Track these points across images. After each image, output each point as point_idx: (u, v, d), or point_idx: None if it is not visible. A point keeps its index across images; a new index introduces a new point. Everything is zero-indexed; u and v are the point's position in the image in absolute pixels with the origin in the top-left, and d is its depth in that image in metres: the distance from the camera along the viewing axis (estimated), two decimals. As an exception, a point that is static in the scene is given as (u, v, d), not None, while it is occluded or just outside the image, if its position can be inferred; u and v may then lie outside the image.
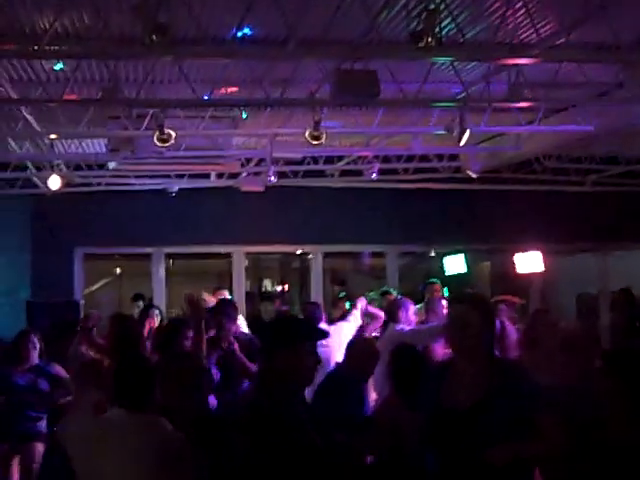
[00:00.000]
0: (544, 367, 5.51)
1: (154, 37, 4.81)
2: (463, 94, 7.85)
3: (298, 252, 15.05)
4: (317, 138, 7.54)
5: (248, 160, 11.48)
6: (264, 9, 5.98)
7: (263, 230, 12.96)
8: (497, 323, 7.67)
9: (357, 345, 6.11)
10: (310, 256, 14.28)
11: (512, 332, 7.72)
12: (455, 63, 7.35)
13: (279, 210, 12.83)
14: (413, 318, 7.84)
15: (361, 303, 8.77)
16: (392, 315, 7.72)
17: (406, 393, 5.04)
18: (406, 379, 5.19)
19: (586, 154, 12.12)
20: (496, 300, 8.91)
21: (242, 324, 8.49)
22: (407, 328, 7.50)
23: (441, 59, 5.99)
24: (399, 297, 8.70)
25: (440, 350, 7.09)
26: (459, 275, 12.62)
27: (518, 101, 7.75)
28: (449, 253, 13.38)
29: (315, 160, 11.43)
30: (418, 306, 10.48)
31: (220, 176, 12.19)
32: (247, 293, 14.29)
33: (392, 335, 7.41)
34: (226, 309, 7.22)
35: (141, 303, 11.26)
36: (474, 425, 3.62)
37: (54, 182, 10.40)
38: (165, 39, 4.86)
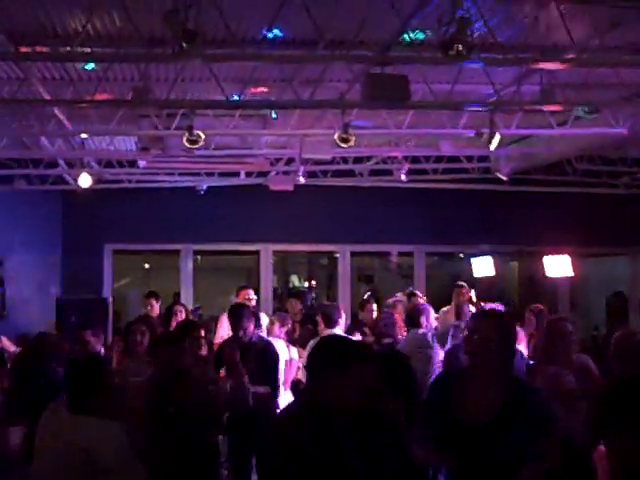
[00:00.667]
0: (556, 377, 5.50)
1: (183, 44, 4.82)
2: (494, 97, 7.79)
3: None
4: (346, 141, 7.54)
5: (277, 159, 11.49)
6: (294, 10, 5.98)
7: (291, 229, 12.99)
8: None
9: None
10: (337, 255, 14.28)
11: None
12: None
13: (307, 209, 12.83)
14: (433, 324, 7.87)
15: None
16: (414, 320, 7.74)
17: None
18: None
19: (618, 156, 11.98)
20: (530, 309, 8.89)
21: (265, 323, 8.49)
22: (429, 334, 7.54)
23: (472, 64, 5.92)
24: (421, 303, 8.69)
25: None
26: (487, 277, 12.51)
27: (550, 104, 7.68)
28: (477, 255, 13.28)
29: (344, 160, 11.41)
30: (445, 308, 10.51)
31: (249, 174, 12.21)
32: (274, 289, 14.34)
33: (415, 339, 7.47)
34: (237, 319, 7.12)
35: (153, 301, 11.13)
36: (493, 439, 3.66)
37: (85, 180, 10.50)
38: (194, 45, 4.86)
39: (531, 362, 6.51)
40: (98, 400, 4.16)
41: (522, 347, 7.00)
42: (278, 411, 6.16)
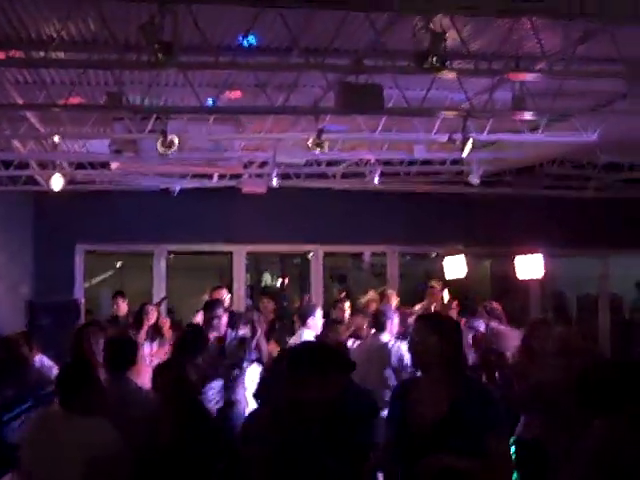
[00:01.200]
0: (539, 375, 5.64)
1: (159, 55, 4.82)
2: (467, 103, 7.86)
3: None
4: (320, 146, 7.58)
5: (250, 162, 11.48)
6: (270, 18, 6.00)
7: (264, 230, 13.01)
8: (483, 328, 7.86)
9: None
10: (311, 255, 14.32)
11: (506, 333, 7.90)
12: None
13: (280, 211, 12.84)
14: (396, 329, 7.92)
15: None
16: (378, 324, 7.79)
17: None
18: None
19: (588, 160, 12.14)
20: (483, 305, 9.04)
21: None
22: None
23: (445, 75, 5.97)
24: (387, 306, 8.73)
25: None
26: (459, 278, 12.62)
27: (521, 111, 7.75)
28: (450, 255, 13.39)
29: (317, 163, 11.43)
30: (417, 307, 10.60)
31: (222, 177, 12.20)
32: (249, 287, 14.37)
33: (378, 345, 7.56)
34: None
35: (120, 301, 11.07)
36: (439, 440, 3.73)
37: (57, 183, 10.40)
38: (170, 56, 4.87)
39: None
40: (88, 397, 4.43)
41: None
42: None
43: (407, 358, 6.99)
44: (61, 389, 4.56)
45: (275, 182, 10.55)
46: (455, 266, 12.77)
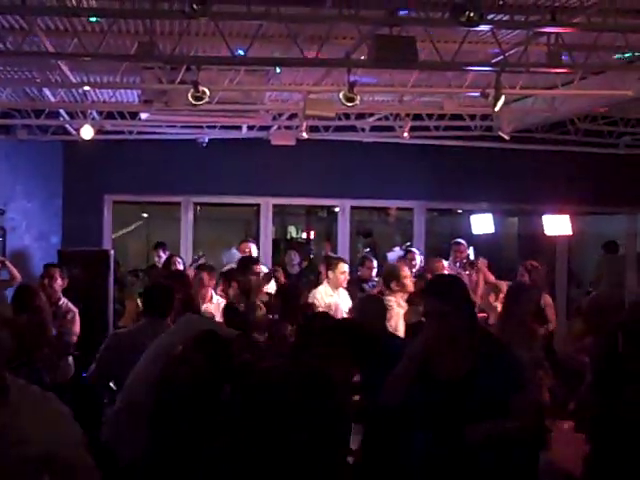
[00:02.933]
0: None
1: (193, 5, 4.80)
2: (500, 57, 7.74)
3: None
4: (351, 100, 7.50)
5: (280, 113, 11.44)
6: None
7: (292, 183, 12.98)
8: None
9: None
10: (337, 209, 14.31)
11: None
12: (494, 27, 7.24)
13: (308, 163, 12.80)
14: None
15: None
16: (387, 282, 7.75)
17: None
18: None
19: (621, 116, 11.96)
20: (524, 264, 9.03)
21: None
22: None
23: (481, 27, 5.88)
24: (396, 265, 8.67)
25: None
26: (486, 235, 12.57)
27: (556, 66, 7.63)
28: (477, 212, 13.33)
29: (347, 115, 11.36)
30: (445, 263, 10.58)
31: (251, 128, 12.17)
32: (274, 241, 14.41)
33: None
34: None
35: (161, 252, 11.30)
36: (468, 394, 3.74)
37: (87, 132, 10.45)
38: (204, 6, 4.84)
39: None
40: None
41: None
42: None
43: None
44: None
45: (304, 135, 10.51)
46: (482, 223, 12.73)
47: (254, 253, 10.16)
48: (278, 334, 6.31)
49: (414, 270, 9.68)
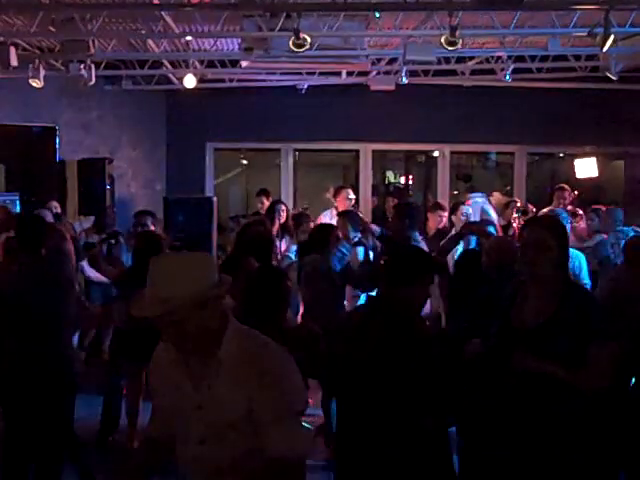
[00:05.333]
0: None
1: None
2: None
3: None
4: (453, 44, 7.39)
5: (378, 59, 11.36)
6: None
7: (391, 128, 12.94)
8: None
9: None
10: (436, 153, 14.19)
11: None
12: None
13: (408, 108, 12.69)
14: None
15: None
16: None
17: None
18: None
19: None
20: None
21: None
22: None
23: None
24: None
25: None
26: (590, 179, 12.27)
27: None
28: (580, 156, 12.99)
29: (446, 59, 11.19)
30: (545, 210, 10.40)
31: (350, 74, 12.13)
32: (373, 186, 14.42)
33: None
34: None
35: (264, 199, 11.43)
36: (540, 343, 3.68)
37: (189, 81, 10.67)
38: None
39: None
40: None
41: None
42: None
43: None
44: None
45: (404, 79, 10.41)
46: (586, 166, 12.42)
47: (353, 199, 10.18)
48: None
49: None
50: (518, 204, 10.39)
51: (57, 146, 11.85)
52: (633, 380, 5.20)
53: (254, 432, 2.85)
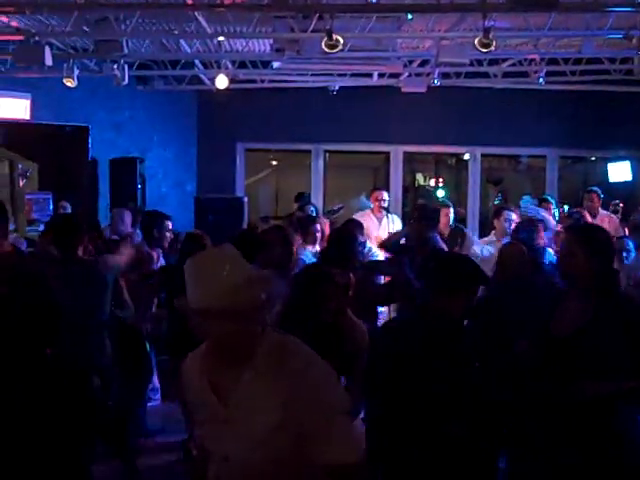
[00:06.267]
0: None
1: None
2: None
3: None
4: (487, 45, 7.34)
5: (410, 60, 11.32)
6: None
7: (422, 130, 12.91)
8: None
9: None
10: (467, 156, 14.12)
11: None
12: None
13: (439, 111, 12.67)
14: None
15: None
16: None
17: None
18: None
19: None
20: None
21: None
22: None
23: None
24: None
25: None
26: (624, 183, 12.12)
27: None
28: (613, 159, 12.85)
29: (479, 62, 11.12)
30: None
31: (382, 75, 12.10)
32: (404, 188, 14.37)
33: None
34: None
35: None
36: (574, 352, 3.64)
37: (221, 81, 10.69)
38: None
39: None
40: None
41: None
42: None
43: None
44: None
45: (436, 81, 10.37)
46: (620, 170, 12.28)
47: (386, 201, 10.11)
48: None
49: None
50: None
51: (89, 146, 11.94)
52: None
53: (287, 448, 2.70)
